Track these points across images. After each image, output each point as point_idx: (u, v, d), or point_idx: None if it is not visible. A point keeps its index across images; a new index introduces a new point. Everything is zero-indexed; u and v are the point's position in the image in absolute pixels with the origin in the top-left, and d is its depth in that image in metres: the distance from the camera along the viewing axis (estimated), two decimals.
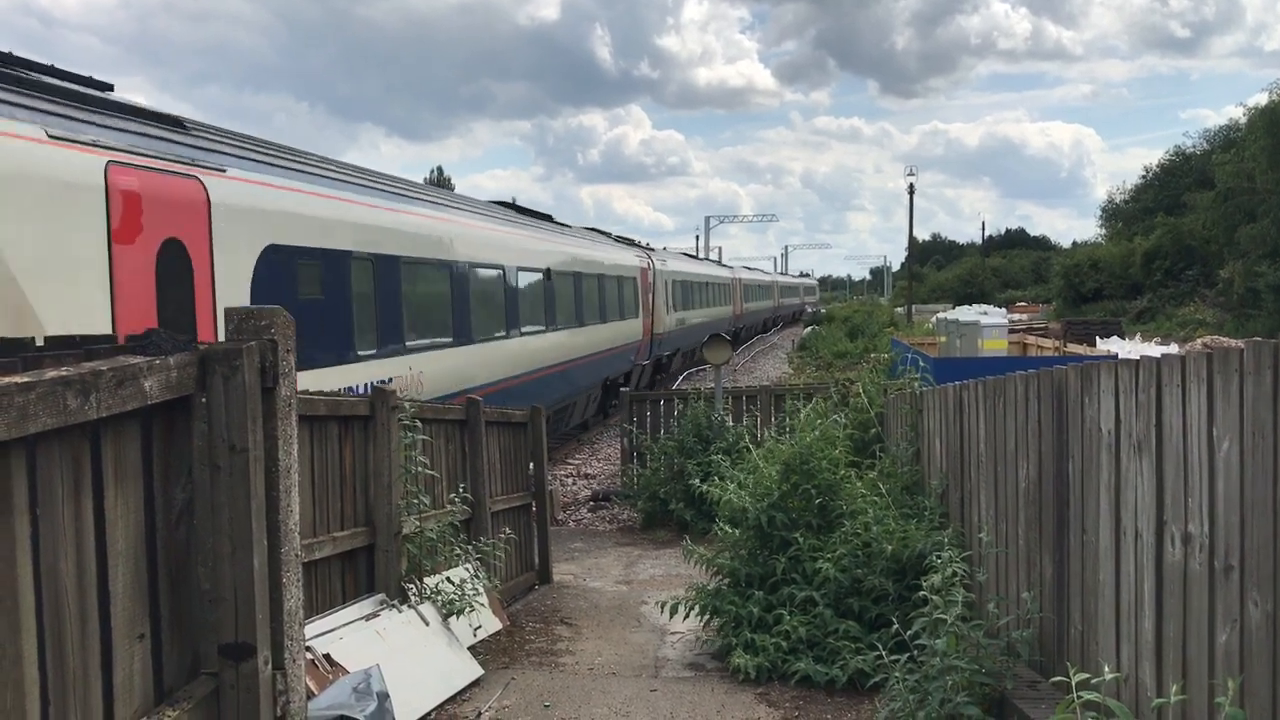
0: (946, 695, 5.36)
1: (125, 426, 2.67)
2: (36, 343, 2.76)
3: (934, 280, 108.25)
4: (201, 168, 8.29)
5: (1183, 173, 65.01)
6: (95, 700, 2.54)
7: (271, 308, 3.07)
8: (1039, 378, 5.64)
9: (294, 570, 3.17)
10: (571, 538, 14.04)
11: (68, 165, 6.85)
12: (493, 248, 15.91)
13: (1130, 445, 4.39)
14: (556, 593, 10.62)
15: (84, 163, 7.00)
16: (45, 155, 6.69)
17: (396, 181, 13.93)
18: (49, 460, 2.37)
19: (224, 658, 2.98)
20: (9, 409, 2.13)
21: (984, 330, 26.27)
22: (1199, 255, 53.66)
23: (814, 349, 44.99)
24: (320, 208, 10.24)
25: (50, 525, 2.37)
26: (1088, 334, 33.33)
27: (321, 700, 4.98)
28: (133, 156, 7.52)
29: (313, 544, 6.31)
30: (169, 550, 2.87)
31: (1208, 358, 3.69)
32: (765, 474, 8.36)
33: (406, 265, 12.23)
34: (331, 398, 6.78)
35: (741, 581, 8.04)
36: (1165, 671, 4.04)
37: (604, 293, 23.15)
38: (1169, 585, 4.03)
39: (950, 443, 7.63)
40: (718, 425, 14.57)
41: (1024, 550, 5.91)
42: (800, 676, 7.09)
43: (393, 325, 11.63)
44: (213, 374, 2.93)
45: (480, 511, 9.32)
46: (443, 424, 8.73)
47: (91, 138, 7.18)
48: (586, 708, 6.78)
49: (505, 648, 8.18)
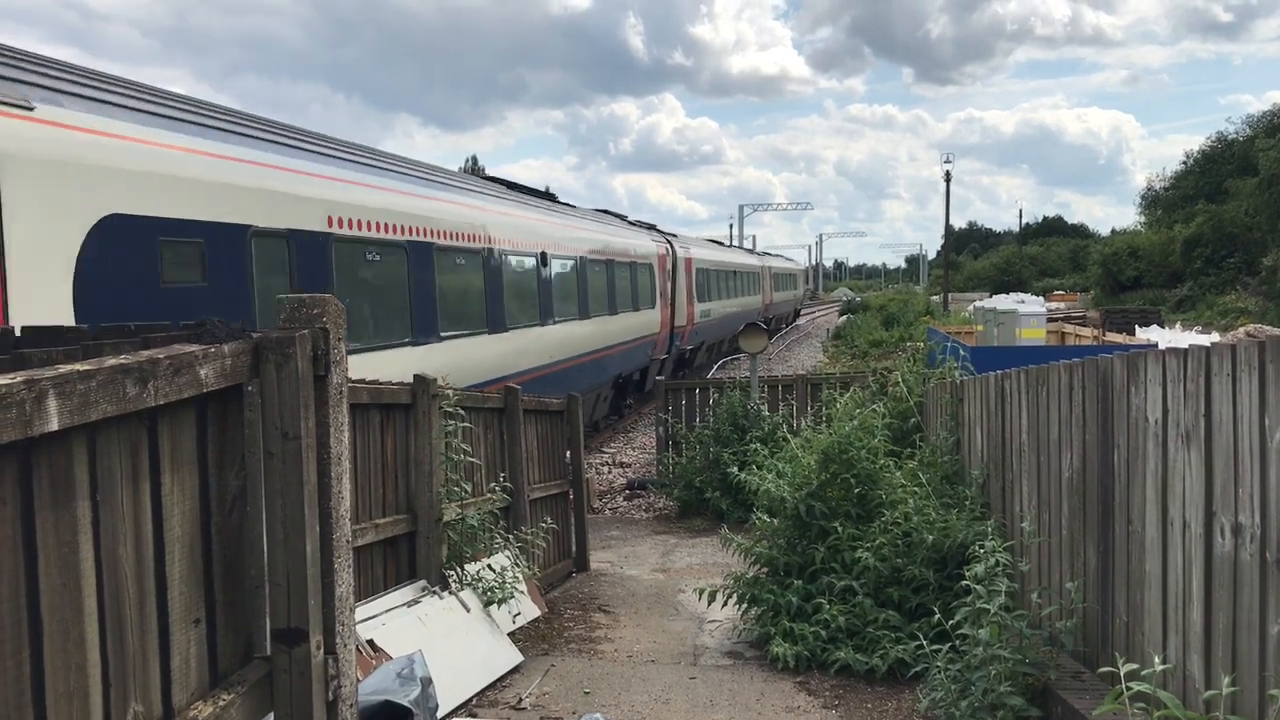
0: (989, 685, 5.34)
1: (181, 414, 2.70)
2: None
3: (970, 269, 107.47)
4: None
5: (1224, 159, 64.16)
6: (154, 683, 2.58)
7: (323, 296, 3.10)
8: (1083, 367, 5.59)
9: (345, 556, 3.20)
10: (608, 526, 14.08)
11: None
12: (474, 227, 13.22)
13: (1178, 435, 4.34)
14: (594, 580, 10.66)
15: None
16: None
17: (346, 147, 11.33)
18: (108, 447, 2.40)
19: (277, 642, 3.01)
20: (71, 396, 2.17)
21: (1021, 319, 26.04)
22: (1241, 243, 52.92)
23: (849, 338, 44.81)
24: (203, 168, 7.85)
25: (110, 511, 2.40)
26: (1126, 323, 32.98)
27: (366, 685, 5.03)
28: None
29: (355, 531, 6.36)
30: (223, 536, 2.90)
31: (1260, 345, 3.64)
32: (803, 463, 8.34)
33: (341, 244, 9.73)
34: (373, 386, 6.83)
35: (780, 570, 8.03)
36: (1214, 664, 4.00)
37: (613, 282, 20.76)
38: (1218, 576, 3.99)
39: (991, 432, 7.58)
40: (753, 414, 14.55)
41: (1067, 540, 5.87)
42: (840, 665, 7.08)
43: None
44: (266, 362, 2.96)
45: (519, 499, 9.36)
46: (482, 412, 8.78)
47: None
48: (626, 695, 6.81)
49: (544, 634, 8.23)
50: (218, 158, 8.10)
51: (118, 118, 7.14)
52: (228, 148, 8.33)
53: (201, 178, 7.79)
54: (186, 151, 7.72)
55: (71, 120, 6.65)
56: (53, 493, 2.21)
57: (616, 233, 22.46)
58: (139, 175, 7.12)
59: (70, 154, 6.56)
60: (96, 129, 6.85)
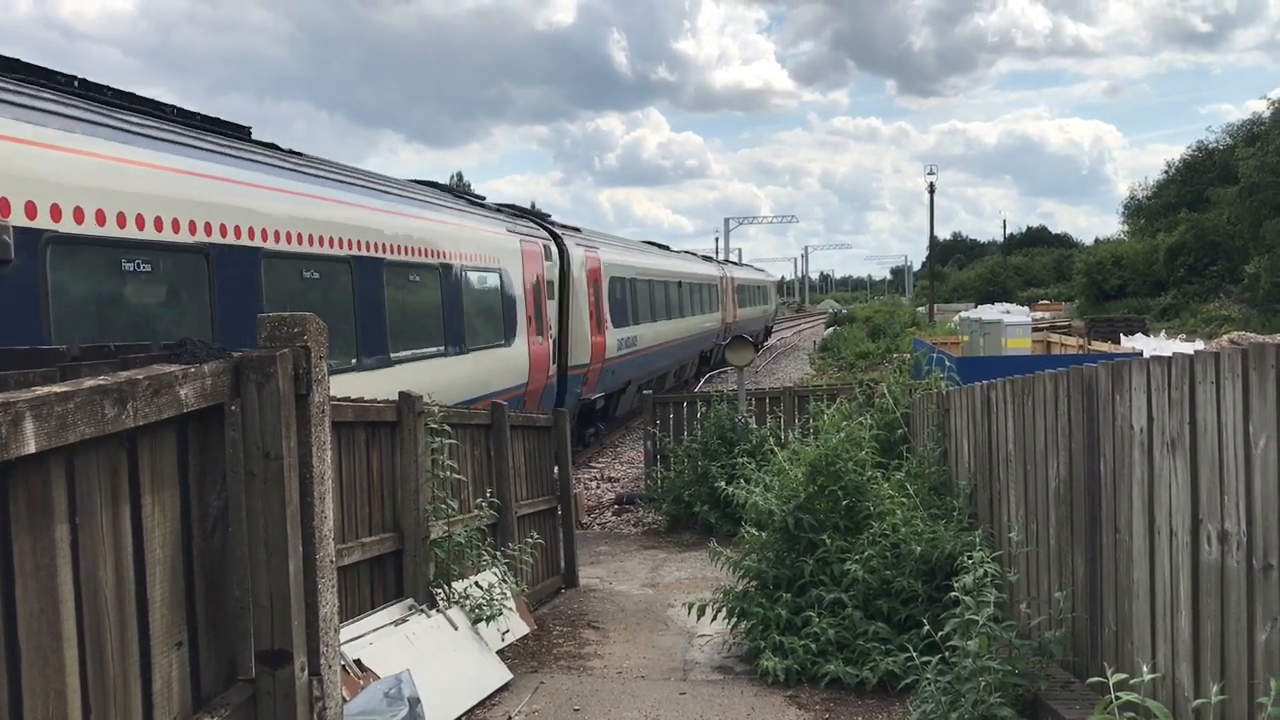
0: (979, 696, 5.33)
1: (161, 435, 2.68)
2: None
3: (955, 279, 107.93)
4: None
5: (1205, 168, 64.62)
6: (135, 707, 2.55)
7: (303, 315, 3.08)
8: (1068, 376, 5.60)
9: (329, 576, 3.18)
10: (596, 541, 14.04)
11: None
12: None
13: (1163, 443, 4.34)
14: (583, 596, 10.62)
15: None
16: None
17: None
18: (87, 469, 2.38)
19: (260, 664, 2.99)
20: (48, 418, 2.14)
21: (1007, 329, 26.09)
22: (1223, 251, 53.29)
23: (835, 350, 44.88)
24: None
25: (89, 534, 2.38)
26: (1111, 332, 33.16)
27: (353, 706, 5.00)
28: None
29: (341, 550, 6.32)
30: (205, 558, 2.88)
31: (1243, 353, 3.65)
32: (791, 476, 8.33)
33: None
34: (358, 403, 6.81)
35: (769, 584, 8.01)
36: (1203, 672, 4.00)
37: (420, 297, 12.09)
38: (1205, 584, 3.99)
39: (978, 442, 7.58)
40: (741, 427, 14.54)
41: (1055, 550, 5.87)
42: (830, 678, 7.06)
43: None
44: (246, 382, 2.94)
45: (506, 515, 9.33)
46: (468, 428, 8.75)
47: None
48: (616, 711, 6.77)
49: (533, 652, 8.19)
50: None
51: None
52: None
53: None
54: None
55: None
56: (30, 516, 2.18)
57: (434, 221, 12.80)
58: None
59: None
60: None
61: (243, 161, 8.90)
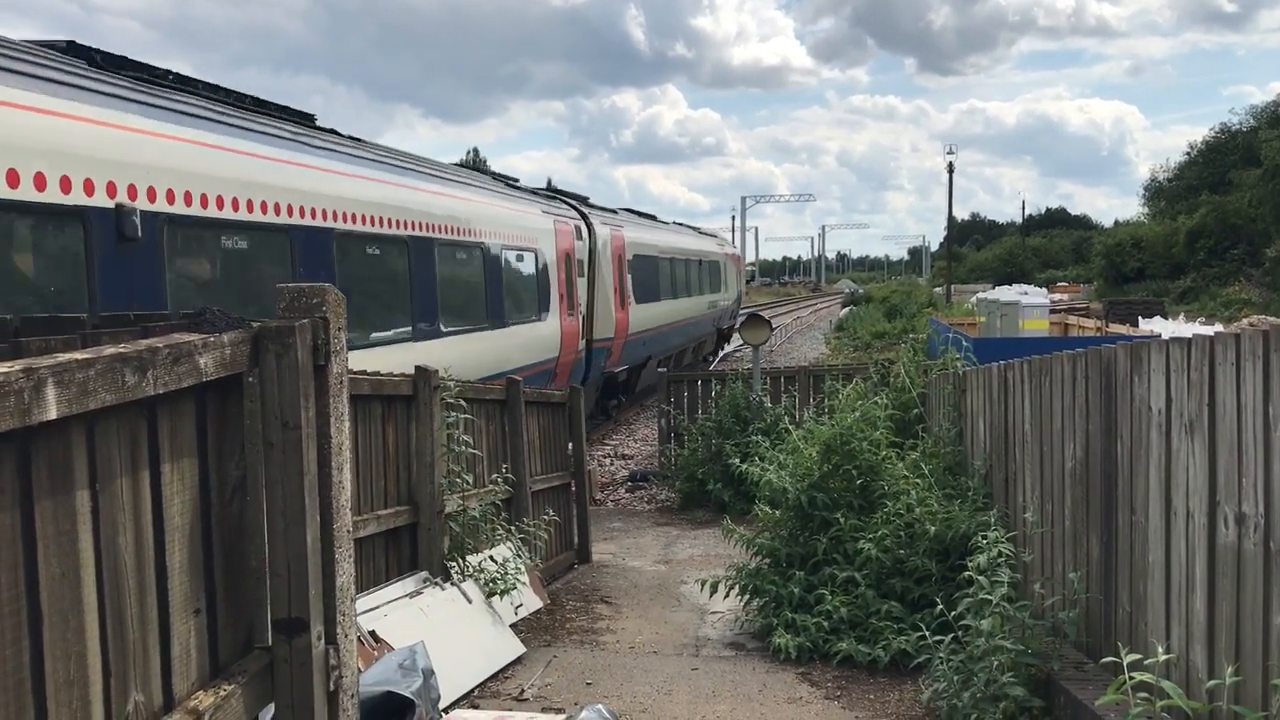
0: (992, 676, 5.33)
1: (181, 404, 2.69)
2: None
3: (973, 260, 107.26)
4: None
5: (1228, 150, 63.98)
6: (154, 673, 2.57)
7: (322, 285, 3.09)
8: (1086, 357, 5.57)
9: (346, 546, 3.20)
10: (610, 517, 14.08)
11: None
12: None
13: (1182, 424, 4.33)
14: (596, 572, 10.66)
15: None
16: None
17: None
18: (107, 436, 2.39)
19: (277, 633, 3.01)
20: (69, 385, 2.16)
21: (1024, 310, 25.98)
22: (1244, 234, 52.82)
23: (852, 329, 44.77)
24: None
25: (109, 500, 2.40)
26: (1130, 314, 32.95)
27: (368, 676, 5.03)
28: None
29: (357, 522, 6.36)
30: (223, 526, 2.89)
31: (1264, 335, 3.62)
32: (805, 455, 8.33)
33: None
34: (374, 377, 6.83)
35: (782, 561, 8.03)
36: (1218, 653, 3.99)
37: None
38: (1222, 566, 3.98)
39: (994, 423, 7.56)
40: (756, 406, 14.53)
41: (1070, 531, 5.86)
42: (842, 656, 7.08)
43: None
44: (265, 352, 2.95)
45: (520, 491, 9.36)
46: (483, 403, 8.77)
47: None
48: (629, 685, 6.81)
49: (546, 626, 8.23)
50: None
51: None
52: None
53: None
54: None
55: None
56: (51, 482, 2.20)
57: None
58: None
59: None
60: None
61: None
